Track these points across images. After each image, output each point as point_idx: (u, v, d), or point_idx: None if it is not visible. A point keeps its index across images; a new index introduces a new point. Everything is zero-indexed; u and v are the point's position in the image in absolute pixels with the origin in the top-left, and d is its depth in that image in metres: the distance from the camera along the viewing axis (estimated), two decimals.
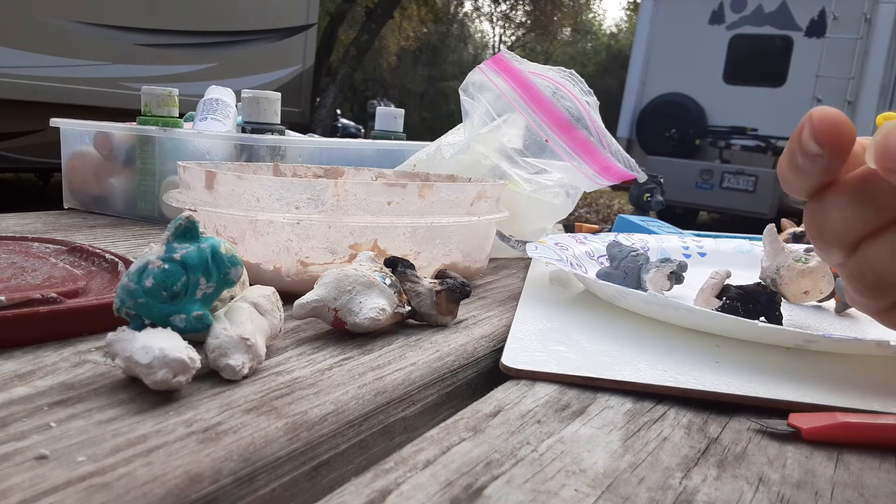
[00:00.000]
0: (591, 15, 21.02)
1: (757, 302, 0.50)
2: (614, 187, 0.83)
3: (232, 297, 0.38)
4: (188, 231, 0.34)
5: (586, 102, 0.70)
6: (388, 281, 0.43)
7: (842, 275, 0.28)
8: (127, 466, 0.25)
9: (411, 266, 0.46)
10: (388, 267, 0.45)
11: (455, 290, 0.46)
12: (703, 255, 0.73)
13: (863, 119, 5.78)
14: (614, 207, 7.47)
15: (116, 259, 0.49)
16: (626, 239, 0.69)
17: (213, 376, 0.34)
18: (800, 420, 0.34)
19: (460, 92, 0.74)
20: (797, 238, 0.83)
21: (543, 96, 0.70)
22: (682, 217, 6.26)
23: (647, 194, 0.95)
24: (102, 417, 0.29)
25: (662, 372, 0.39)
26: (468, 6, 20.86)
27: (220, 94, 0.92)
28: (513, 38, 19.71)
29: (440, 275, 0.48)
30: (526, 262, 0.74)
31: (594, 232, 0.88)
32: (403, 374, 0.37)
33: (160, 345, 0.30)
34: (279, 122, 0.88)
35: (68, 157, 0.91)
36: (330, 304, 0.41)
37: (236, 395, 0.32)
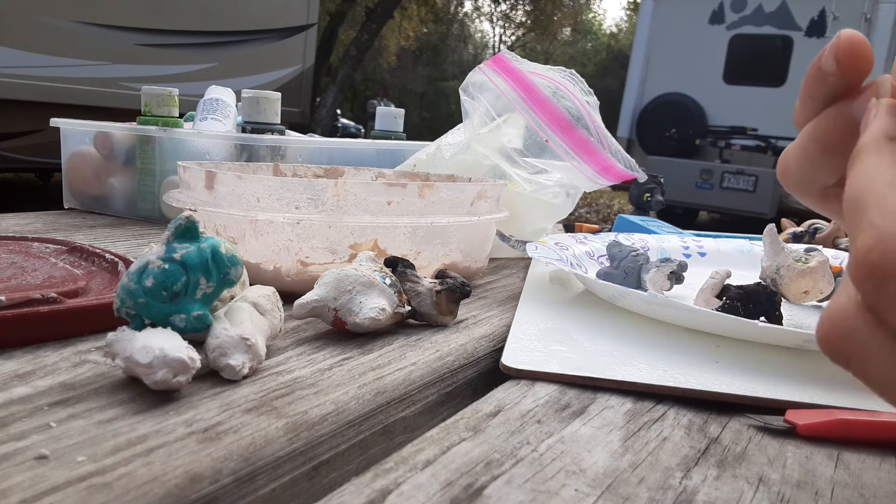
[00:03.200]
0: (591, 15, 21.03)
1: (757, 302, 0.50)
2: (614, 187, 0.83)
3: (232, 297, 0.38)
4: (188, 231, 0.34)
5: (586, 102, 0.70)
6: (388, 281, 0.43)
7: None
8: (127, 466, 0.25)
9: (411, 266, 0.46)
10: (388, 267, 0.45)
11: (455, 290, 0.46)
12: (703, 255, 0.73)
13: None
14: (614, 207, 7.47)
15: (116, 259, 0.49)
16: (626, 239, 0.69)
17: (213, 376, 0.34)
18: (796, 416, 0.34)
19: (460, 92, 0.74)
20: (797, 238, 0.83)
21: (543, 96, 0.70)
22: (682, 217, 6.25)
23: (647, 194, 0.95)
24: (102, 417, 0.29)
25: (662, 372, 0.39)
26: (468, 6, 20.88)
27: (220, 93, 0.92)
28: (513, 38, 19.71)
29: (440, 275, 0.48)
30: (526, 262, 0.74)
31: (594, 232, 0.88)
32: (403, 374, 0.37)
33: (160, 345, 0.30)
34: (279, 122, 0.88)
35: (68, 157, 0.91)
36: (330, 304, 0.41)
37: (236, 394, 0.32)
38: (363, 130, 9.07)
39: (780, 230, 0.81)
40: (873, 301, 0.19)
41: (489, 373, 0.42)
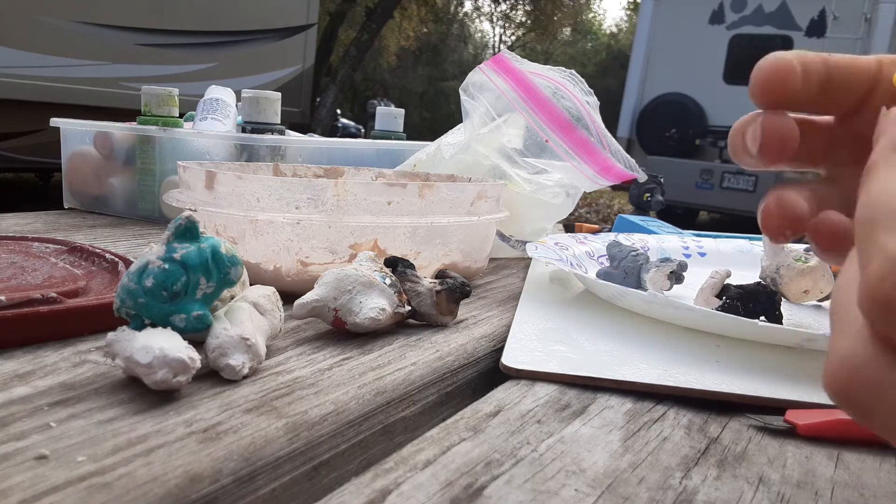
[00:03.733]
0: (591, 15, 21.03)
1: (757, 301, 0.50)
2: (614, 187, 0.83)
3: (232, 297, 0.38)
4: (188, 231, 0.34)
5: (586, 102, 0.70)
6: (388, 281, 0.43)
7: None
8: (127, 466, 0.25)
9: (411, 266, 0.46)
10: (388, 267, 0.45)
11: (455, 290, 0.46)
12: (703, 254, 0.73)
13: None
14: (614, 207, 7.47)
15: (116, 259, 0.49)
16: (626, 239, 0.69)
17: (213, 376, 0.34)
18: (796, 416, 0.34)
19: (461, 92, 0.74)
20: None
21: (544, 96, 0.70)
22: (682, 217, 6.25)
23: (647, 194, 0.95)
24: (102, 417, 0.29)
25: (662, 372, 0.39)
26: (468, 6, 20.88)
27: (220, 93, 0.92)
28: (513, 37, 19.71)
29: (440, 275, 0.48)
30: (526, 262, 0.74)
31: (594, 232, 0.88)
32: (403, 374, 0.37)
33: (160, 345, 0.30)
34: (279, 121, 0.88)
35: (68, 157, 0.91)
36: (330, 304, 0.41)
37: (236, 394, 0.32)
38: (363, 130, 9.07)
39: None
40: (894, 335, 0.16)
41: (489, 373, 0.42)
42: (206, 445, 0.27)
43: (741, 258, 0.72)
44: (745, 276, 0.59)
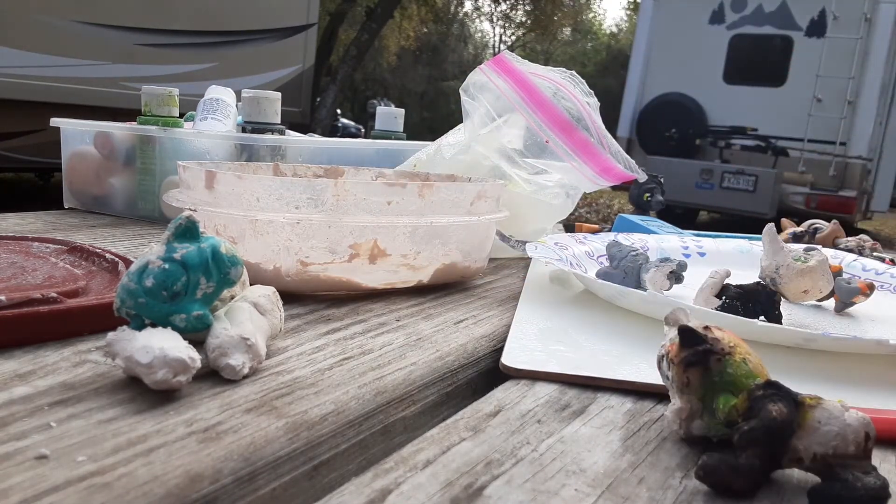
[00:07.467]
0: (591, 15, 21.04)
1: (756, 301, 0.50)
2: (614, 187, 0.83)
3: (232, 297, 0.38)
4: (188, 231, 0.34)
5: (587, 103, 0.70)
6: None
7: None
8: (127, 466, 0.25)
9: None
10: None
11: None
12: (702, 254, 0.73)
13: (862, 119, 5.78)
14: (614, 207, 7.47)
15: (117, 259, 0.49)
16: (625, 239, 0.69)
17: (213, 376, 0.34)
18: None
19: (461, 92, 0.74)
20: (797, 238, 0.83)
21: (544, 97, 0.70)
22: (683, 217, 6.25)
23: (647, 194, 0.95)
24: (103, 417, 0.29)
25: None
26: (468, 6, 20.90)
27: (220, 93, 0.92)
28: (513, 37, 19.72)
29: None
30: (526, 262, 0.74)
31: (594, 232, 0.88)
32: (403, 373, 0.37)
33: (160, 344, 0.30)
34: (279, 121, 0.88)
35: (68, 157, 0.91)
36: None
37: (236, 394, 0.32)
38: (363, 130, 9.07)
39: (779, 230, 0.81)
40: None
41: (489, 373, 0.42)
42: (207, 445, 0.27)
43: (741, 258, 0.72)
44: (745, 275, 0.58)
